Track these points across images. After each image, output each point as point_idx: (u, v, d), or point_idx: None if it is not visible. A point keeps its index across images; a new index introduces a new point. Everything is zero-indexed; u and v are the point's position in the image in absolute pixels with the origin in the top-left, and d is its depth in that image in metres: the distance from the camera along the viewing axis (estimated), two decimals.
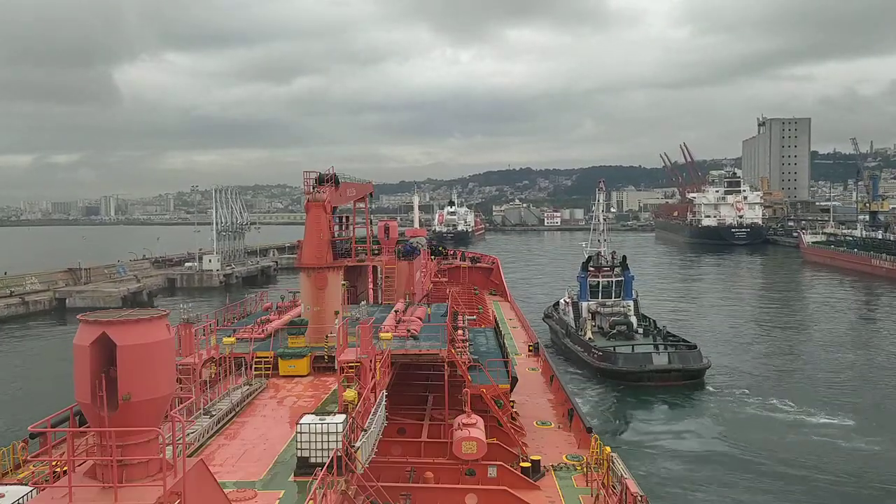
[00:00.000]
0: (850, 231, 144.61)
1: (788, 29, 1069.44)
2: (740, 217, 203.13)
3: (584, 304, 57.39)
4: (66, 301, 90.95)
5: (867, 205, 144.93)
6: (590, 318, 56.69)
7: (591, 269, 58.50)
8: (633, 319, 56.60)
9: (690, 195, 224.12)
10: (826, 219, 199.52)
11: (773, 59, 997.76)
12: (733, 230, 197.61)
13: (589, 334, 54.67)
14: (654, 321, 59.00)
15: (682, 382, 48.79)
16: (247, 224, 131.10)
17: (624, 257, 60.33)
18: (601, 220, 61.60)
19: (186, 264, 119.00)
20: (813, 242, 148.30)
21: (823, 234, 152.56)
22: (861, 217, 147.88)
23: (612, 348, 51.45)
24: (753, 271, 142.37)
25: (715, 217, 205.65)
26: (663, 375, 48.99)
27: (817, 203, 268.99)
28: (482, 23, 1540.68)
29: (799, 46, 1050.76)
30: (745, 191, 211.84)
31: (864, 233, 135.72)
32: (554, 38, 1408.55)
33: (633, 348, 51.42)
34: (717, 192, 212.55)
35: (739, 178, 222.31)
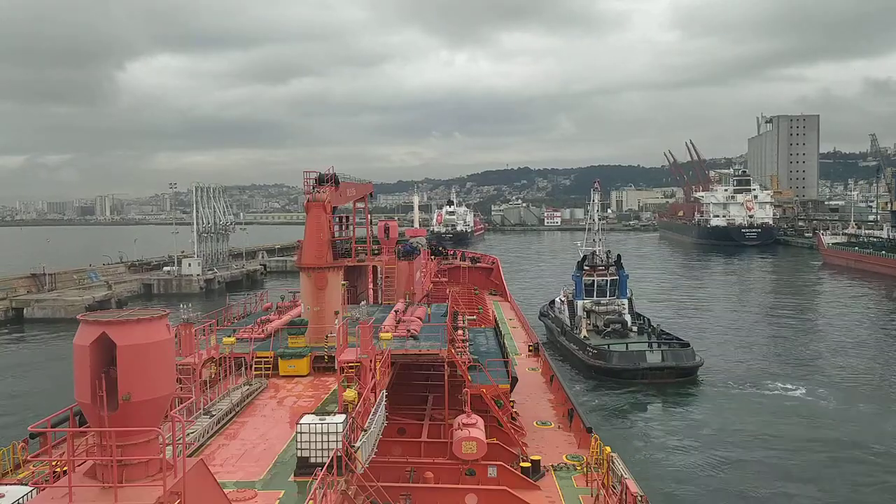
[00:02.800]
0: (873, 232, 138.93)
1: (780, 31, 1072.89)
2: (751, 217, 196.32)
3: (580, 303, 57.83)
4: (24, 311, 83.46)
5: (889, 203, 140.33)
6: (585, 316, 57.05)
7: (587, 268, 59.01)
8: (628, 318, 56.99)
9: (698, 194, 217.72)
10: (835, 218, 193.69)
11: (765, 61, 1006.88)
12: (743, 230, 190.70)
13: (584, 332, 55.01)
14: (648, 319, 59.36)
15: (675, 380, 49.10)
16: (231, 224, 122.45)
17: (618, 256, 60.73)
18: (596, 220, 62.09)
19: (165, 268, 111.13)
20: (833, 244, 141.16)
21: (844, 234, 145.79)
22: (872, 217, 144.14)
23: (605, 346, 51.78)
24: (769, 273, 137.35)
25: (724, 217, 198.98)
26: (656, 373, 49.39)
27: (826, 202, 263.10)
28: (475, 27, 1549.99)
29: (791, 48, 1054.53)
30: (755, 189, 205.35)
31: (891, 234, 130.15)
32: (546, 41, 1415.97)
33: (627, 346, 51.73)
34: (727, 190, 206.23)
35: (749, 176, 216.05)
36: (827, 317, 79.93)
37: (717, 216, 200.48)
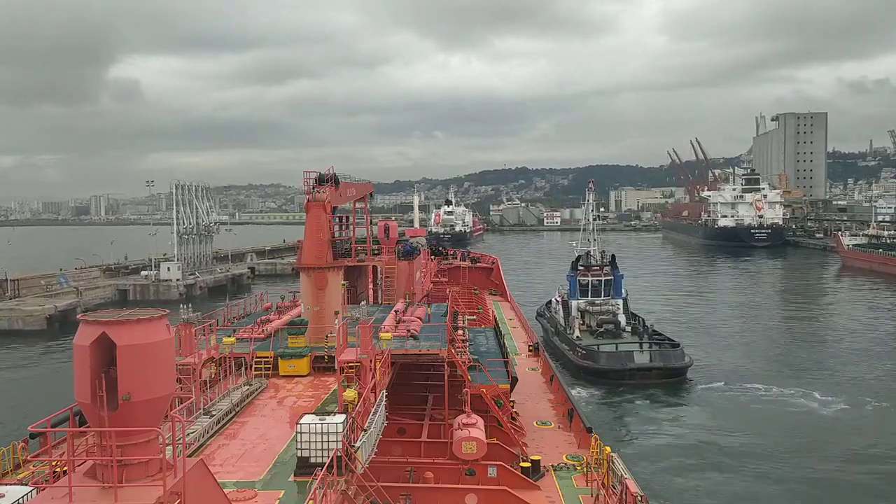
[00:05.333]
0: (894, 233, 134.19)
1: (771, 34, 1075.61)
2: (760, 217, 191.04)
3: (574, 303, 57.75)
4: None
5: None
6: (578, 316, 56.98)
7: (581, 268, 58.90)
8: (622, 318, 56.87)
9: (705, 193, 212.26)
10: (844, 218, 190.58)
11: (756, 64, 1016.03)
12: (753, 231, 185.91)
13: (577, 332, 54.97)
14: (643, 320, 59.28)
15: (663, 381, 49.03)
16: (215, 225, 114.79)
17: (613, 256, 60.65)
18: (590, 220, 62.02)
19: (143, 273, 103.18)
20: (854, 245, 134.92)
21: (864, 235, 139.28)
22: (882, 217, 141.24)
23: (595, 347, 51.81)
24: (785, 276, 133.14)
25: (732, 217, 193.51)
26: (644, 374, 49.37)
27: (834, 203, 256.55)
28: (468, 31, 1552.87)
29: (782, 51, 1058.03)
30: (764, 189, 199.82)
31: None
32: (538, 44, 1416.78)
33: (616, 347, 51.66)
34: (734, 189, 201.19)
35: (758, 175, 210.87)
36: (850, 323, 75.86)
37: (725, 216, 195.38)
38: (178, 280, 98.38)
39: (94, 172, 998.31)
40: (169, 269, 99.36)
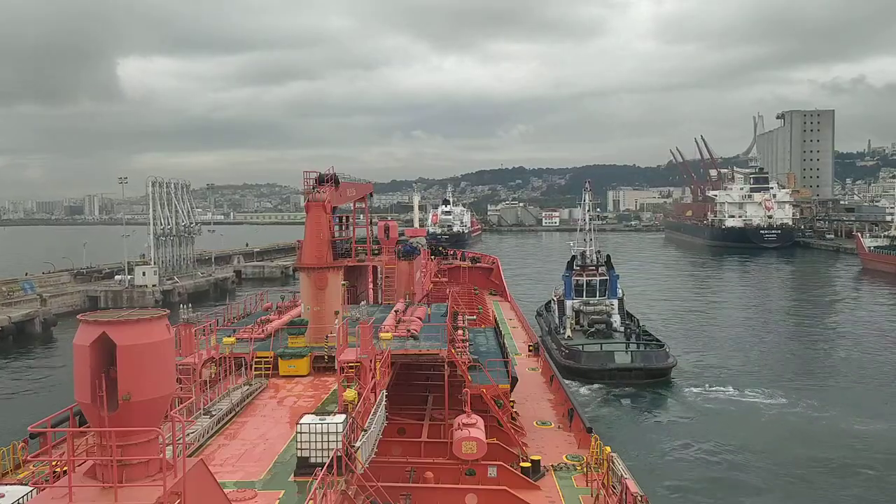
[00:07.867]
0: None
1: (764, 37, 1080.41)
2: (769, 217, 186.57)
3: (569, 303, 57.76)
4: None
5: None
6: (572, 316, 56.97)
7: (576, 267, 58.88)
8: (617, 318, 56.77)
9: (711, 193, 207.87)
10: (852, 219, 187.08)
11: (750, 66, 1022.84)
12: (762, 231, 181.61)
13: (569, 332, 54.92)
14: (637, 320, 59.18)
15: (645, 381, 48.96)
16: (196, 226, 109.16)
17: (608, 256, 60.63)
18: (587, 220, 62.02)
19: (116, 277, 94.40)
20: (875, 247, 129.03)
21: (886, 237, 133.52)
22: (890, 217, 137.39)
23: (579, 346, 51.77)
24: (799, 278, 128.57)
25: (740, 217, 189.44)
26: (625, 374, 49.22)
27: (841, 202, 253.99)
28: (461, 34, 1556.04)
29: (775, 53, 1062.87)
30: (773, 188, 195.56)
31: None
32: (533, 47, 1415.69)
33: (601, 347, 51.63)
34: (742, 189, 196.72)
35: (767, 174, 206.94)
36: (875, 330, 71.39)
37: (733, 216, 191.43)
38: (153, 286, 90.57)
39: (89, 172, 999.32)
40: (144, 273, 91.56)
